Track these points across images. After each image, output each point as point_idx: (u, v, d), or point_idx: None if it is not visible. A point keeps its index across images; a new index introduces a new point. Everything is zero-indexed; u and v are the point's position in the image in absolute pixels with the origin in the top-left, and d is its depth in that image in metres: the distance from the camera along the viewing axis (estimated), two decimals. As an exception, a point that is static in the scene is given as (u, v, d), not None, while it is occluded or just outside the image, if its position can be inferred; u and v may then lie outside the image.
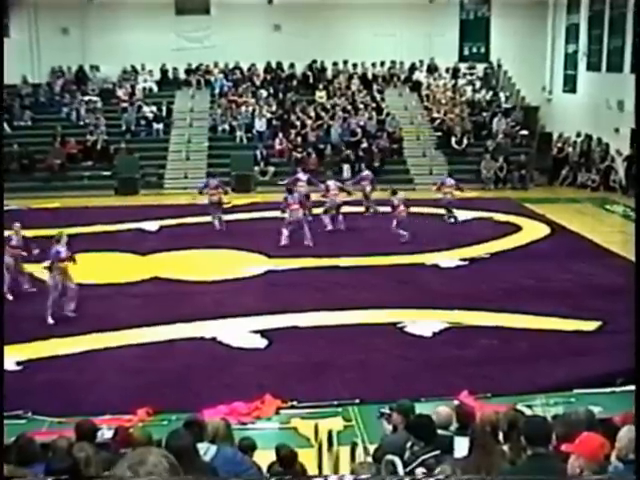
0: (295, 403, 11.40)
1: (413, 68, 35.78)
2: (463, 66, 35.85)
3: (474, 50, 35.64)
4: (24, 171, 30.61)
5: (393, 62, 35.79)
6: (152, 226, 22.79)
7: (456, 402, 9.12)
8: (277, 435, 10.44)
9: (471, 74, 35.73)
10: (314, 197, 23.04)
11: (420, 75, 35.48)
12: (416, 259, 19.26)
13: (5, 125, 32.42)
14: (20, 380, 12.27)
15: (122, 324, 14.73)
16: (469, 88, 35.07)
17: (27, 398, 11.46)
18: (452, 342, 13.86)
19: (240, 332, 14.25)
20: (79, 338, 14.08)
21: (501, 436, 6.93)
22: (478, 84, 35.45)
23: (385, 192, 23.00)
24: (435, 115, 33.65)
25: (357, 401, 11.41)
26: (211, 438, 6.97)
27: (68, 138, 31.65)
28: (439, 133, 32.92)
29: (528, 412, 9.48)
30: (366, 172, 25.01)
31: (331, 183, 22.85)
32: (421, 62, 35.72)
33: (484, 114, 33.82)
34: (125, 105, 33.57)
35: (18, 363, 12.86)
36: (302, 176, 23.61)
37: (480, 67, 35.95)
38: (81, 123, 33.00)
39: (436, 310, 15.36)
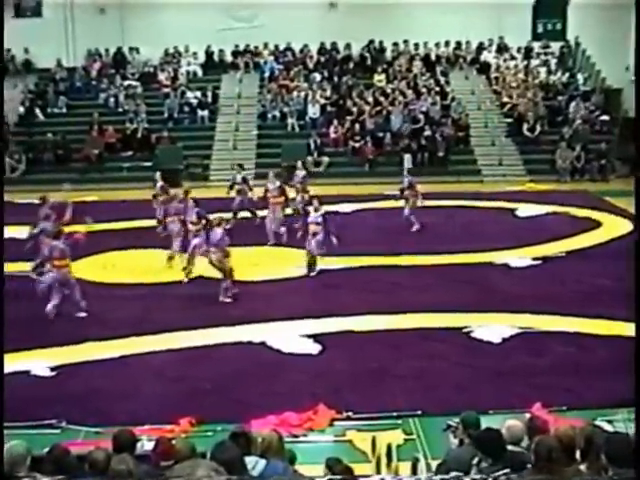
0: (351, 414, 11.37)
1: (481, 48, 35.59)
2: (537, 45, 35.58)
3: (549, 27, 35.26)
4: (59, 162, 31.09)
5: (459, 42, 35.65)
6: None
7: (528, 415, 9.01)
8: (331, 449, 10.42)
9: (545, 54, 35.44)
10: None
11: (489, 56, 35.29)
12: (484, 258, 19.15)
13: (39, 112, 32.98)
14: (54, 386, 12.48)
15: (163, 327, 14.84)
16: (543, 69, 34.80)
17: (61, 406, 11.62)
18: (523, 349, 13.71)
19: (291, 336, 14.28)
20: (116, 342, 14.20)
21: (578, 454, 6.82)
22: (553, 65, 35.15)
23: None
24: (505, 99, 33.45)
25: (418, 413, 11.36)
26: (260, 451, 6.97)
27: (106, 126, 32.07)
28: (509, 119, 32.73)
29: (608, 428, 9.34)
30: (304, 172, 23.87)
31: (271, 185, 21.66)
32: (490, 41, 35.53)
33: (560, 98, 33.54)
34: (167, 90, 33.90)
35: (52, 369, 13.04)
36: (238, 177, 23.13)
37: (556, 46, 35.63)
38: (120, 110, 33.41)
39: (506, 314, 15.21)
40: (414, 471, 8.82)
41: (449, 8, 33.56)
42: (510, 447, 7.03)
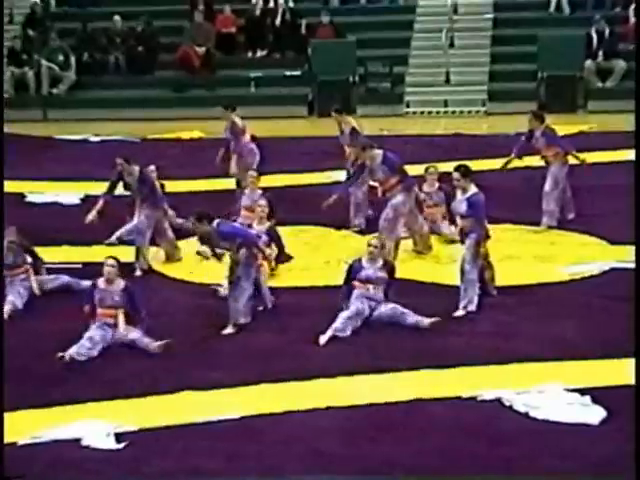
0: None
1: None
2: None
3: None
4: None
5: None
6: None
7: None
8: None
9: None
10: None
11: None
12: None
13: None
14: (122, 466, 10.20)
15: (320, 369, 12.68)
16: None
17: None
18: None
19: (545, 391, 11.71)
20: (236, 391, 12.08)
21: None
22: None
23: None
24: None
25: None
26: None
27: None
28: None
29: None
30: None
31: None
32: None
33: None
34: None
35: (118, 436, 10.87)
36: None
37: None
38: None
39: None
40: None
41: None
42: None
